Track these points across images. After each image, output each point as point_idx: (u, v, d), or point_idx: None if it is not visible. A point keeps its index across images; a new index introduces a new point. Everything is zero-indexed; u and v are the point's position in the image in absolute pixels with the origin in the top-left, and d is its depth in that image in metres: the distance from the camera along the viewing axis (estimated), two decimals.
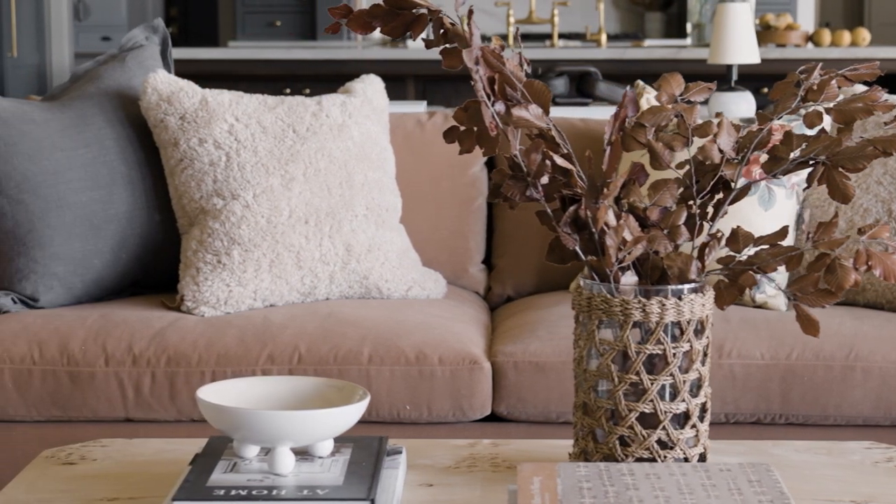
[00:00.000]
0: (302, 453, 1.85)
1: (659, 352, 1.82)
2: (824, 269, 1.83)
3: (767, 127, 1.91)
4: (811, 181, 1.87)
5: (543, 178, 1.87)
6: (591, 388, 1.86)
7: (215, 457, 1.85)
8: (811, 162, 1.87)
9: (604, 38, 7.16)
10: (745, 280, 1.86)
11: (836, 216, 1.88)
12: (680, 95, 1.96)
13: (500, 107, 1.85)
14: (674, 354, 1.82)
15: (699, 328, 1.85)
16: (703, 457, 1.88)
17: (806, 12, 7.99)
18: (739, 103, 4.24)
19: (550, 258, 1.92)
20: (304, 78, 6.78)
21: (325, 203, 2.94)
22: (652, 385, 1.82)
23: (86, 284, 2.95)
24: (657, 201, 1.90)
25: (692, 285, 1.84)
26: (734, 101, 4.22)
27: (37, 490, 1.90)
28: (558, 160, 1.87)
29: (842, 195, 1.86)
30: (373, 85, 3.17)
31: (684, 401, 1.84)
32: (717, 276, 1.87)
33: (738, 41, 4.31)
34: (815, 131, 1.91)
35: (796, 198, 3.00)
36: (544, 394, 2.71)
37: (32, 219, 2.90)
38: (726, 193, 1.91)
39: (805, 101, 1.92)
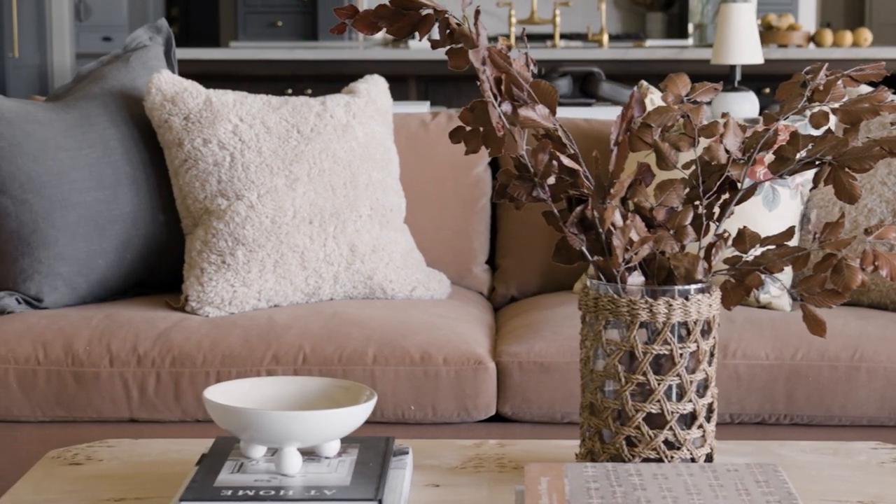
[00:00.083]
0: (308, 454, 1.85)
1: (666, 352, 1.82)
2: (831, 270, 1.83)
3: (774, 127, 1.91)
4: (818, 182, 1.87)
5: (550, 179, 1.87)
6: (598, 389, 1.86)
7: (222, 457, 1.85)
8: (817, 162, 1.87)
9: (605, 39, 7.16)
10: (752, 280, 1.86)
11: (843, 216, 1.88)
12: (686, 96, 1.96)
13: (507, 107, 1.85)
14: (681, 355, 1.82)
15: (706, 328, 1.85)
16: (710, 457, 1.88)
17: (807, 13, 7.99)
18: (743, 104, 4.23)
19: (557, 258, 1.92)
20: (306, 78, 6.78)
21: (330, 203, 2.94)
22: (659, 385, 1.82)
23: (90, 285, 2.95)
24: (663, 201, 1.90)
25: (699, 285, 1.84)
26: (737, 102, 4.22)
27: (43, 490, 1.90)
28: (565, 160, 1.87)
29: (848, 195, 1.86)
30: (377, 85, 3.17)
31: (691, 401, 1.84)
32: (724, 277, 1.87)
33: (742, 41, 4.31)
34: (822, 132, 1.91)
35: (800, 198, 3.00)
36: (549, 394, 2.71)
37: (37, 219, 2.90)
38: (732, 194, 1.91)
39: (811, 102, 1.92)
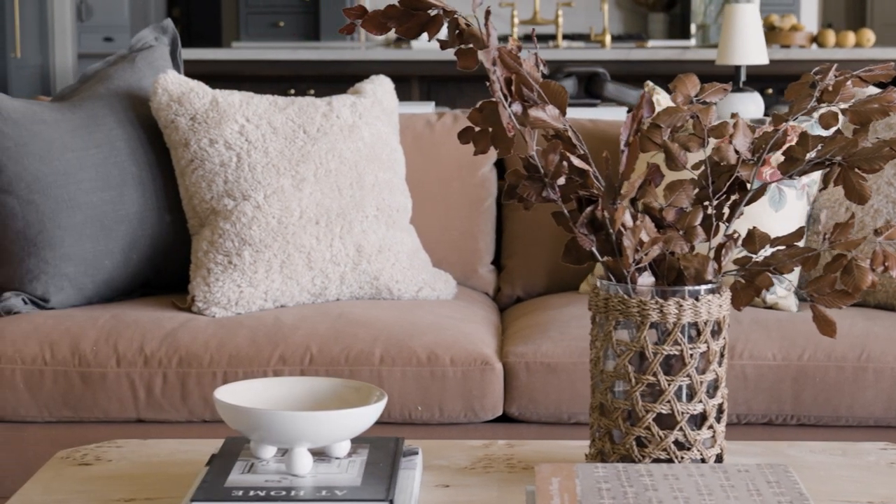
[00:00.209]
0: (318, 454, 1.85)
1: (676, 353, 1.82)
2: (841, 270, 1.83)
3: (783, 128, 1.91)
4: (827, 182, 1.87)
5: (560, 179, 1.87)
6: (608, 389, 1.86)
7: (232, 457, 1.85)
8: (827, 163, 1.87)
9: (608, 39, 7.16)
10: (762, 281, 1.86)
11: (853, 217, 1.88)
12: (695, 96, 1.96)
13: (518, 108, 1.85)
14: (691, 355, 1.82)
15: (716, 329, 1.85)
16: (720, 458, 1.88)
17: (809, 13, 7.99)
18: (748, 104, 4.23)
19: (566, 259, 1.92)
20: (309, 79, 6.78)
21: (336, 204, 2.94)
22: (669, 386, 1.82)
23: (96, 285, 2.95)
24: (673, 202, 1.90)
25: (709, 286, 1.84)
26: (742, 102, 4.22)
27: (53, 491, 1.90)
28: (575, 161, 1.86)
29: (858, 196, 1.86)
30: (383, 86, 3.17)
31: (701, 402, 1.84)
32: (734, 277, 1.87)
33: (747, 42, 4.31)
34: (831, 132, 1.91)
35: (807, 198, 3.01)
36: (556, 395, 2.71)
37: (43, 219, 2.90)
38: (742, 194, 1.91)
39: (820, 102, 1.92)
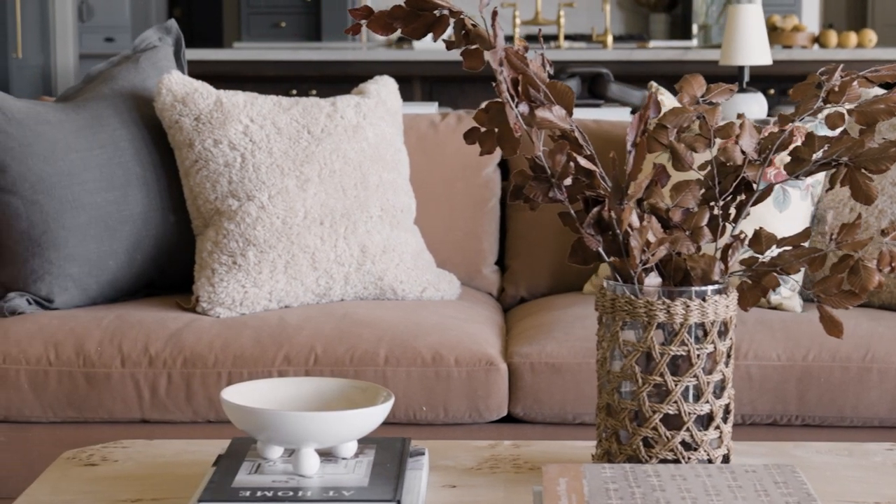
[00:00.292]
0: (325, 455, 1.85)
1: (683, 353, 1.82)
2: (848, 271, 1.83)
3: (790, 129, 1.91)
4: (834, 183, 1.87)
5: (567, 180, 1.87)
6: (615, 390, 1.86)
7: (239, 458, 1.85)
8: (833, 163, 1.87)
9: (610, 40, 7.16)
10: (769, 281, 1.86)
11: (860, 217, 1.88)
12: (701, 97, 1.96)
13: (524, 108, 1.85)
14: (698, 356, 1.82)
15: (722, 329, 1.85)
16: (727, 458, 1.88)
17: (811, 14, 7.99)
18: (751, 105, 4.23)
19: (573, 259, 1.92)
20: (310, 79, 6.78)
21: (340, 204, 2.94)
22: (676, 386, 1.82)
23: (101, 285, 2.95)
24: (679, 202, 1.90)
25: (716, 286, 1.84)
26: (746, 103, 4.22)
27: (60, 491, 1.90)
28: (582, 161, 1.86)
29: (865, 196, 1.86)
30: (387, 86, 3.17)
31: (708, 402, 1.84)
32: (740, 278, 1.87)
33: (750, 42, 4.31)
34: (837, 132, 1.91)
35: (811, 199, 3.01)
36: (560, 395, 2.71)
37: (47, 220, 2.90)
38: (748, 195, 1.91)
39: (826, 103, 1.92)
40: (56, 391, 2.72)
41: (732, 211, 1.91)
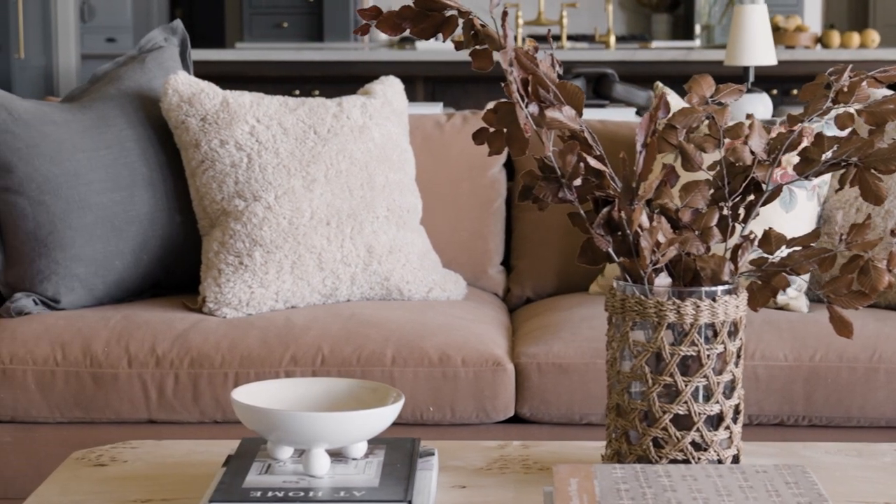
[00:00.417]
0: (335, 455, 1.85)
1: (693, 353, 1.82)
2: (858, 271, 1.83)
3: (799, 129, 1.91)
4: (843, 183, 1.87)
5: (577, 180, 1.87)
6: (625, 390, 1.86)
7: (249, 458, 1.85)
8: (843, 164, 1.87)
9: (612, 40, 7.16)
10: (779, 282, 1.86)
11: (869, 218, 1.88)
12: (710, 97, 1.96)
13: (534, 108, 1.85)
14: (708, 356, 1.82)
15: (732, 330, 1.85)
16: (737, 458, 1.88)
17: (813, 14, 7.99)
18: (756, 105, 4.23)
19: (582, 259, 1.92)
20: (313, 79, 6.78)
21: (347, 204, 2.94)
22: (686, 387, 1.82)
23: (107, 286, 2.95)
24: (689, 203, 1.90)
25: (726, 287, 1.84)
26: (751, 103, 4.22)
27: (70, 492, 1.90)
28: (591, 162, 1.86)
29: (874, 197, 1.86)
30: (392, 87, 3.17)
31: (718, 402, 1.84)
32: (750, 278, 1.87)
33: (755, 43, 4.31)
34: (846, 133, 1.91)
35: (817, 199, 3.01)
36: (567, 395, 2.71)
37: (54, 220, 2.90)
38: (758, 195, 1.91)
39: (835, 103, 1.92)
40: (63, 391, 2.72)
41: (742, 211, 1.91)
